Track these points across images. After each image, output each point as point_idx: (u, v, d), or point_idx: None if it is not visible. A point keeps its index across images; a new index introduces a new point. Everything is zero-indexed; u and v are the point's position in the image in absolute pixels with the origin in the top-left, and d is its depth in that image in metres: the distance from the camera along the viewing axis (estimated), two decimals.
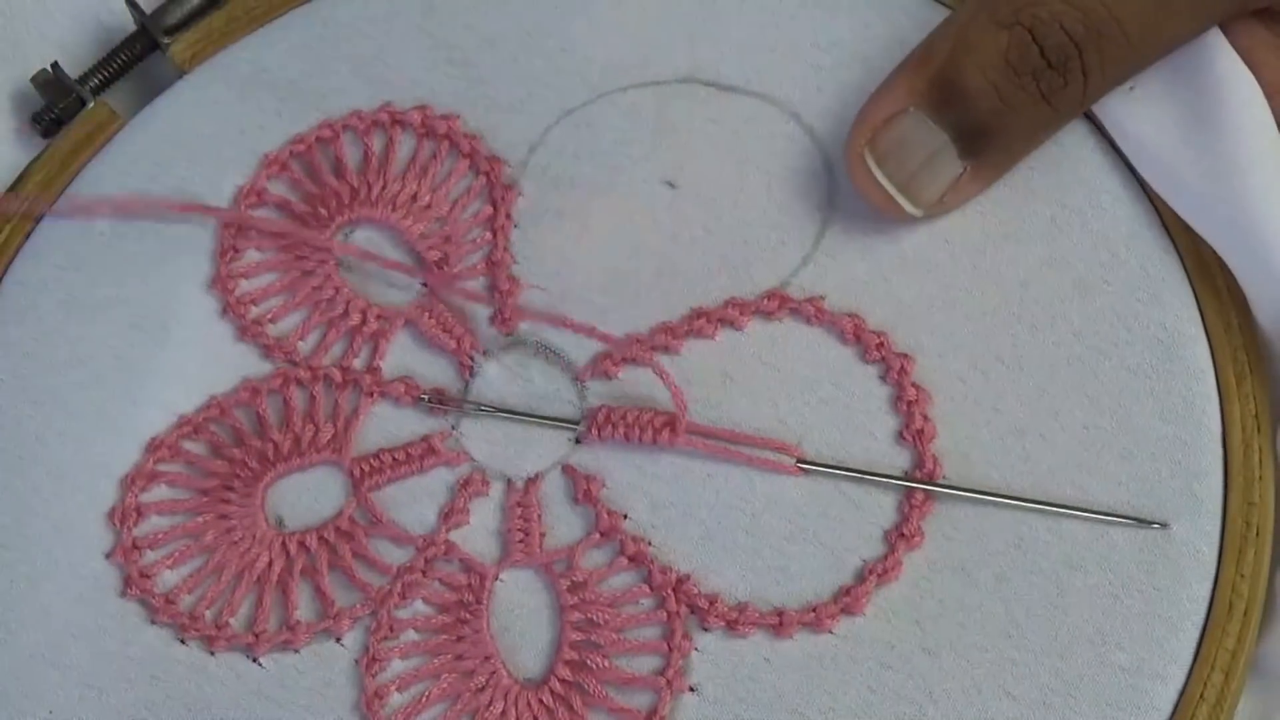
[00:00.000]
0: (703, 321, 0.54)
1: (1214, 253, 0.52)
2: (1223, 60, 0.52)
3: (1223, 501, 0.51)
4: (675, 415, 0.53)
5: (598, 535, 0.53)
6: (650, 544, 0.52)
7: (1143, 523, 0.50)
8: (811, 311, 0.54)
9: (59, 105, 0.62)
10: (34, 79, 0.62)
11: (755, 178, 0.56)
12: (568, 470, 0.54)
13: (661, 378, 0.53)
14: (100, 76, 0.63)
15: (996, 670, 0.50)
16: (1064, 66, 0.50)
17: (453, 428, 0.55)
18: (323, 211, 0.59)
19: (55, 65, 0.62)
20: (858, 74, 0.57)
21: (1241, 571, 0.50)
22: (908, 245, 0.55)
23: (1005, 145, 0.52)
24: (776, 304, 0.54)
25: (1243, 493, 0.51)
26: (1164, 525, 0.50)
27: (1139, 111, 0.53)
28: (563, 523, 0.53)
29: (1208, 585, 0.50)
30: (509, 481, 0.54)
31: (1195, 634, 0.50)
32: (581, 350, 0.55)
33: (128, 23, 0.63)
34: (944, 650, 0.50)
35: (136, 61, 0.63)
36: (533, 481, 0.54)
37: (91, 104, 0.62)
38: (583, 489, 0.53)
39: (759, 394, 0.54)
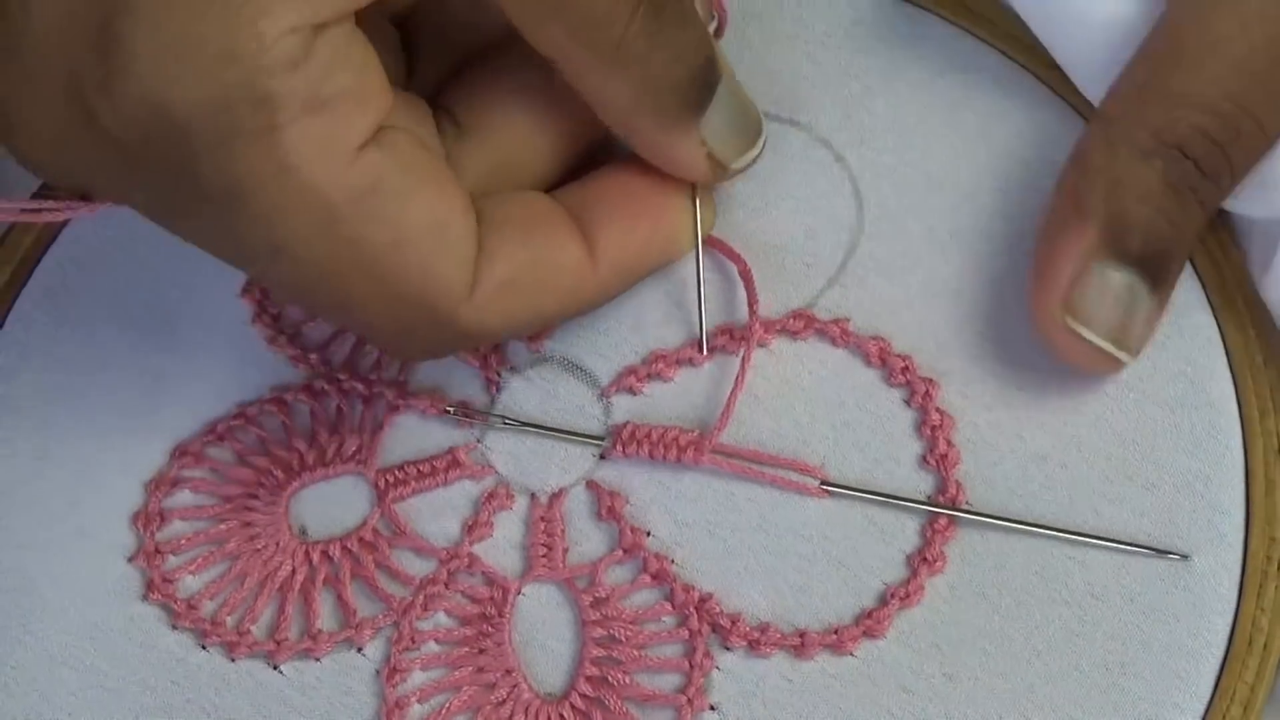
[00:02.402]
0: (726, 338, 0.55)
1: (1240, 287, 0.53)
2: None
3: (1244, 536, 0.51)
4: (700, 434, 0.53)
5: (620, 552, 0.53)
6: (673, 562, 0.52)
7: (1164, 553, 0.50)
8: (837, 332, 0.54)
9: None
10: None
11: (784, 201, 0.56)
12: (591, 486, 0.54)
13: (742, 364, 0.53)
14: None
15: (1017, 697, 0.50)
16: (1215, 172, 0.50)
17: (478, 441, 0.55)
18: None
19: None
20: (888, 102, 0.57)
21: (1262, 606, 0.50)
22: (933, 274, 0.55)
23: (1180, 260, 0.52)
24: (803, 324, 0.54)
25: (1264, 528, 0.51)
26: (1185, 556, 0.50)
27: None
28: (586, 538, 0.53)
29: (1228, 619, 0.50)
30: (533, 496, 0.54)
31: (1215, 667, 0.50)
32: (609, 367, 0.55)
33: None
34: (964, 676, 0.50)
35: None
36: (556, 496, 0.54)
37: None
38: (606, 505, 0.53)
39: (783, 413, 0.54)
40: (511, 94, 0.52)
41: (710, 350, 0.55)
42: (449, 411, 0.55)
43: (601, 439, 0.54)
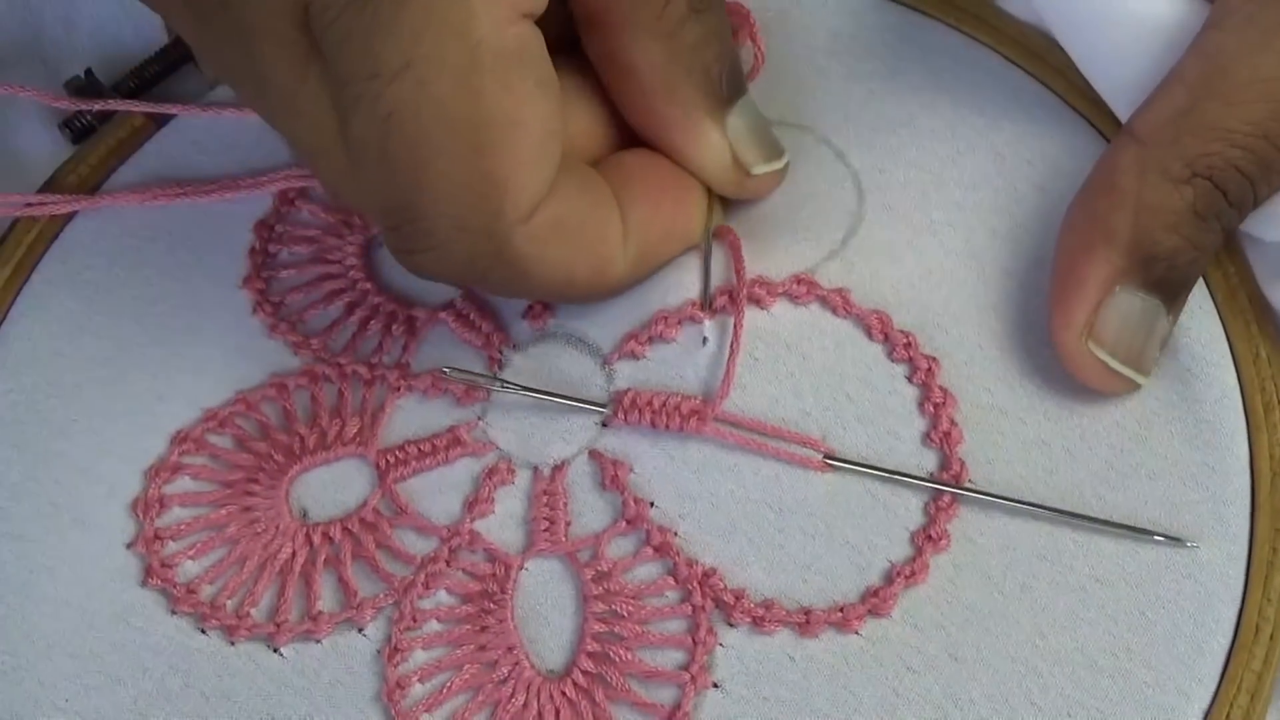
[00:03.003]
0: (726, 299, 0.55)
1: (1243, 283, 0.53)
2: None
3: (1250, 527, 0.51)
4: (703, 402, 0.53)
5: (624, 523, 0.53)
6: (676, 534, 0.52)
7: (1171, 539, 0.50)
8: (839, 302, 0.54)
9: (91, 111, 0.62)
10: (67, 84, 0.63)
11: (784, 192, 0.57)
12: (594, 455, 0.54)
13: (735, 331, 0.54)
14: (132, 84, 0.63)
15: (1022, 680, 0.49)
16: (1242, 203, 0.51)
17: (479, 419, 0.55)
18: (357, 220, 0.59)
19: (89, 72, 0.63)
20: (889, 104, 0.58)
21: (1268, 596, 0.50)
22: (933, 260, 0.55)
23: (1195, 282, 0.52)
24: (805, 289, 0.55)
25: (1270, 519, 0.51)
26: (1191, 543, 0.50)
27: None
28: (589, 510, 0.53)
29: (1234, 608, 0.50)
30: (535, 469, 0.54)
31: (1221, 655, 0.50)
32: (611, 339, 0.55)
33: (161, 36, 0.64)
34: (970, 657, 0.50)
35: (169, 73, 0.64)
36: (559, 469, 0.54)
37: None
38: (610, 474, 0.53)
39: (784, 381, 0.54)
40: (575, 90, 0.53)
41: (712, 311, 0.55)
42: (445, 374, 0.55)
43: (603, 405, 0.54)
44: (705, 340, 0.54)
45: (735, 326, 0.54)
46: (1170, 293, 0.51)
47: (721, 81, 0.53)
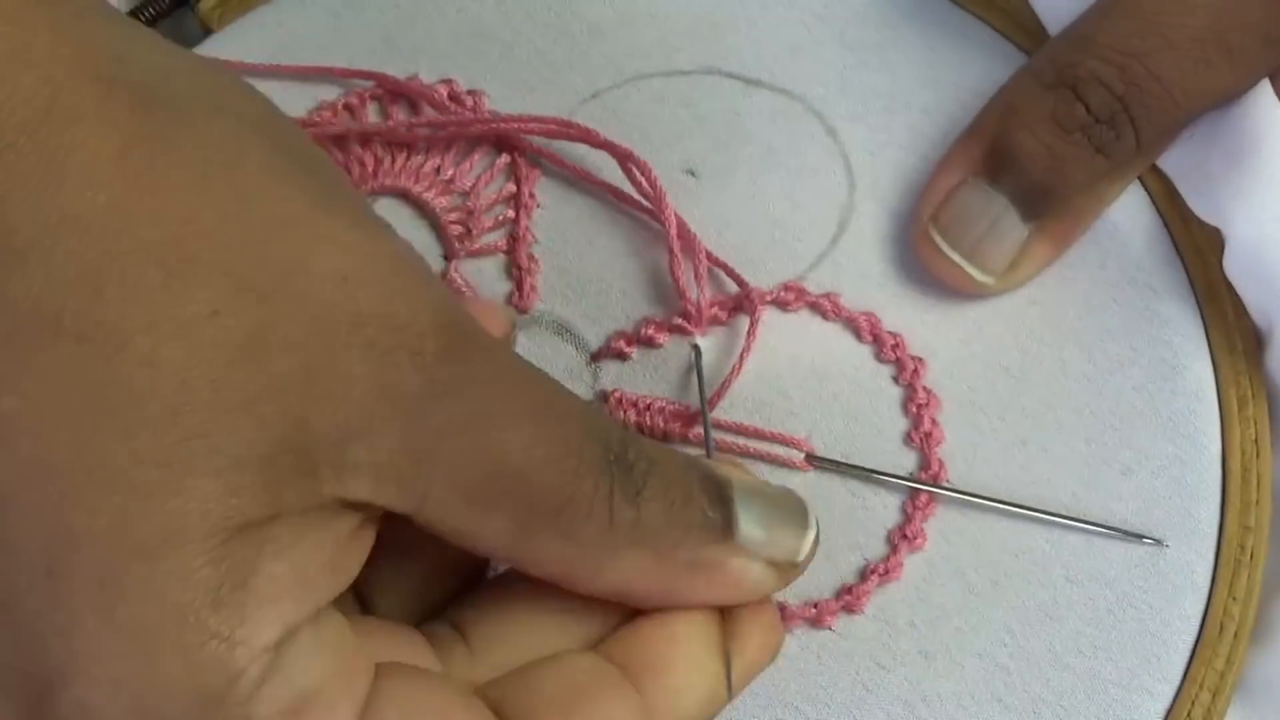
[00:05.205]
0: (715, 309, 0.55)
1: (1223, 275, 0.53)
2: (1266, 109, 0.52)
3: (1219, 524, 0.51)
4: (688, 406, 0.53)
5: None
6: None
7: (1140, 538, 0.51)
8: (829, 306, 0.54)
9: None
10: None
11: (776, 173, 0.56)
12: None
13: (748, 335, 0.54)
14: None
15: (990, 676, 0.50)
16: (1111, 120, 0.51)
17: None
18: None
19: None
20: (882, 77, 0.57)
21: (1234, 594, 0.51)
22: None
23: (1064, 201, 0.52)
24: (793, 296, 0.54)
25: (1239, 516, 0.51)
26: (1160, 542, 0.51)
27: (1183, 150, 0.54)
28: None
29: (1200, 605, 0.51)
30: None
31: (1186, 652, 0.50)
32: (599, 333, 0.55)
33: None
34: (939, 653, 0.50)
35: (163, 17, 0.62)
36: None
37: None
38: None
39: (770, 381, 0.54)
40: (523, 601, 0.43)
41: (701, 319, 0.54)
42: None
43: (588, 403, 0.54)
44: (699, 350, 0.54)
45: (749, 334, 0.54)
46: (1025, 199, 0.52)
47: (713, 511, 0.42)
